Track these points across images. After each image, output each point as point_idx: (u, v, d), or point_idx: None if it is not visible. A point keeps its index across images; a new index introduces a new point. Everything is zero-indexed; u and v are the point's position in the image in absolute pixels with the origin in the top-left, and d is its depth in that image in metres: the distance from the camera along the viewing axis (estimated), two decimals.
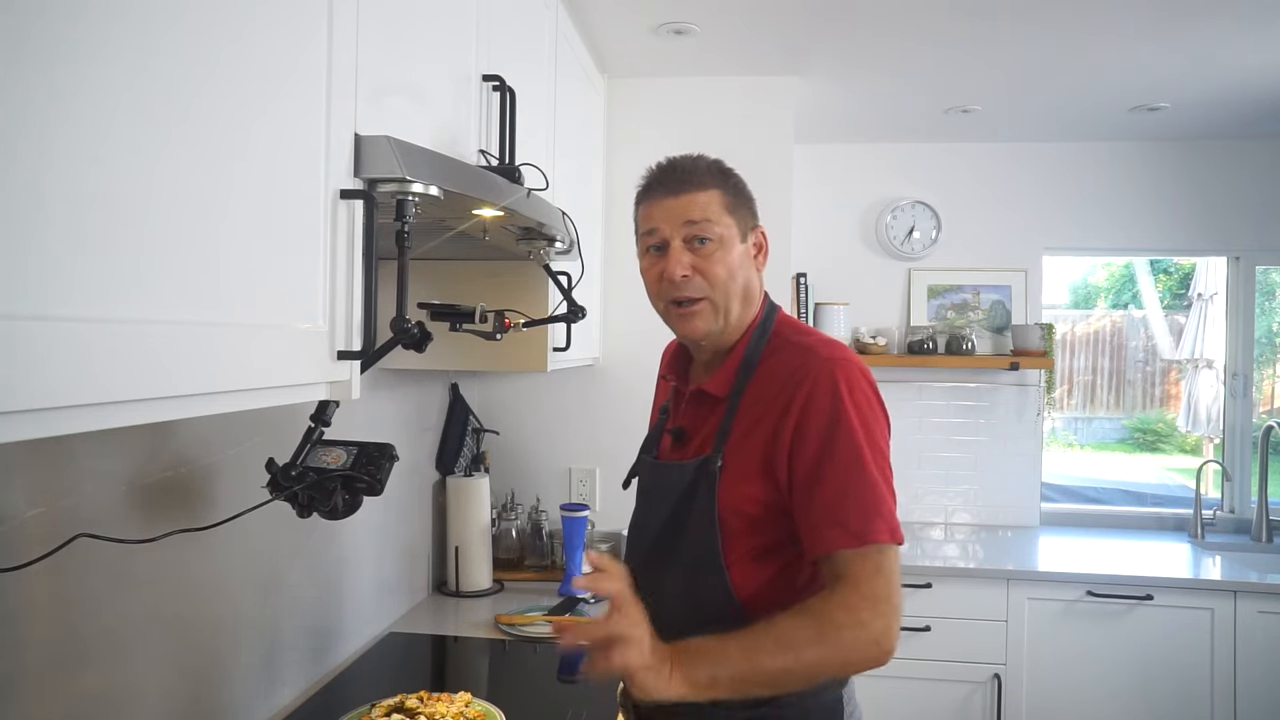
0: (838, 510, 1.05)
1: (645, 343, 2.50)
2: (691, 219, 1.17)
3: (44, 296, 0.50)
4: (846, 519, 1.05)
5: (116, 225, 0.56)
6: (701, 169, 1.20)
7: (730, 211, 1.19)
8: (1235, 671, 2.51)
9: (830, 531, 1.06)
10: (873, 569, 1.04)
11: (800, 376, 1.11)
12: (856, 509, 1.05)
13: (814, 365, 1.11)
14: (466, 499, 2.26)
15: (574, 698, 1.61)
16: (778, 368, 1.15)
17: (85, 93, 0.53)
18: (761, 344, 1.20)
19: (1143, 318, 5.63)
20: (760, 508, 1.12)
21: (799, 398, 1.09)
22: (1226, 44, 2.20)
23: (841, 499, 1.06)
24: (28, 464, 0.95)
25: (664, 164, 1.22)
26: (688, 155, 1.22)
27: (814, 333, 1.22)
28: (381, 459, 1.07)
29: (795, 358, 1.14)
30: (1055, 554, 2.84)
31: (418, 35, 1.11)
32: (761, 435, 1.12)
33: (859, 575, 1.04)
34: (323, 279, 0.84)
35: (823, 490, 1.07)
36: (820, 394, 1.08)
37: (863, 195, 3.29)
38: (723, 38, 2.25)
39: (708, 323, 1.20)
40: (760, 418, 1.13)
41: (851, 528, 1.04)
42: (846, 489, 1.06)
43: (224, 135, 0.68)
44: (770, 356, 1.18)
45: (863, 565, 1.04)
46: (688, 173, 1.19)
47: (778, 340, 1.20)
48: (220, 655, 1.35)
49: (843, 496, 1.06)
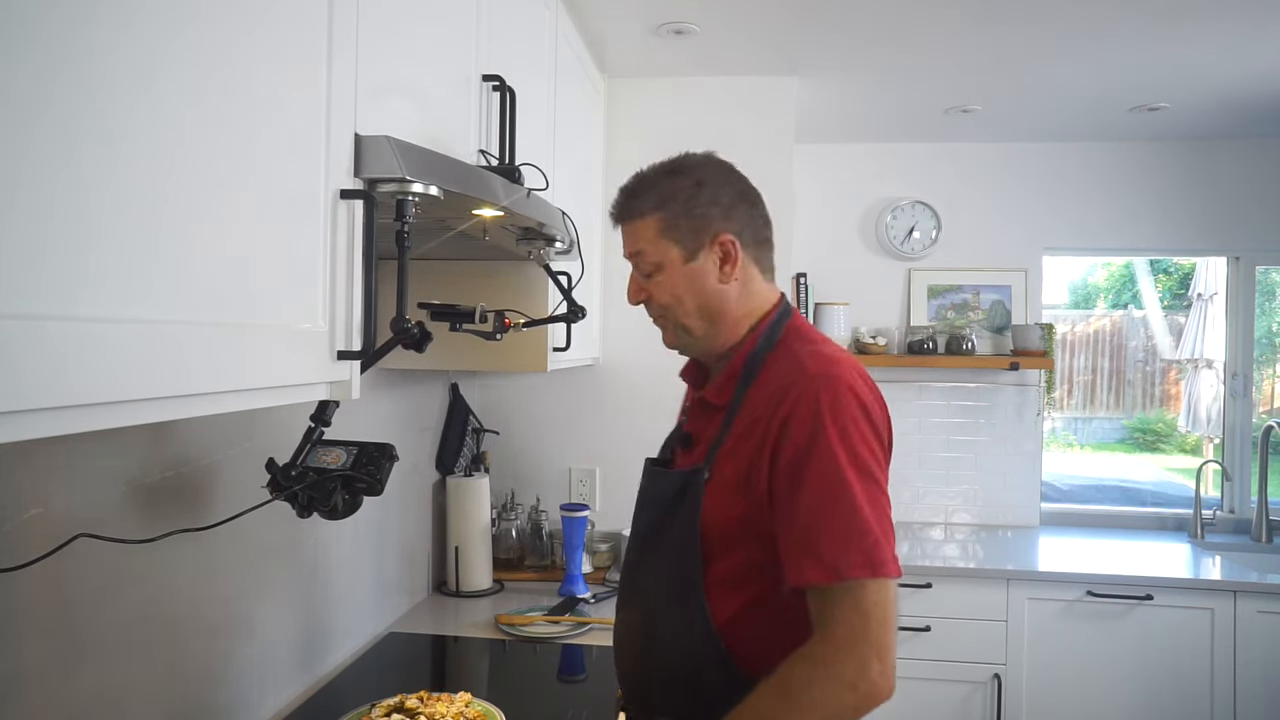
0: (812, 539, 0.98)
1: (645, 343, 2.50)
2: (629, 248, 1.19)
3: (44, 297, 0.50)
4: (820, 549, 0.97)
5: (117, 226, 0.56)
6: (642, 193, 1.17)
7: (666, 235, 1.14)
8: (1235, 671, 2.50)
9: (803, 561, 0.98)
10: (849, 608, 0.95)
11: (784, 392, 1.05)
12: (831, 539, 0.97)
13: (800, 381, 1.04)
14: (466, 499, 2.26)
15: (574, 698, 1.61)
16: (771, 379, 1.10)
17: (91, 96, 0.53)
18: (765, 351, 1.15)
19: (1143, 318, 5.63)
20: (739, 525, 1.07)
21: (779, 414, 1.03)
22: (1227, 44, 2.20)
23: (816, 528, 0.98)
24: (28, 464, 0.95)
25: (621, 187, 1.21)
26: (638, 175, 1.20)
27: (818, 342, 1.14)
28: (381, 459, 1.07)
29: (786, 370, 1.09)
30: (1055, 554, 2.84)
31: (418, 35, 1.11)
32: (747, 449, 1.07)
33: (832, 617, 0.96)
34: (323, 279, 0.84)
35: (798, 517, 0.99)
36: (801, 414, 1.02)
37: (863, 195, 3.29)
38: (723, 38, 2.25)
39: (674, 338, 1.21)
40: (749, 430, 1.08)
41: (825, 559, 0.96)
42: (820, 517, 0.98)
43: (224, 135, 0.68)
44: (770, 365, 1.13)
45: (838, 604, 0.96)
46: (628, 198, 1.19)
47: (781, 348, 1.14)
48: (220, 655, 1.35)
49: (817, 525, 0.98)
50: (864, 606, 0.95)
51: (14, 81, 0.47)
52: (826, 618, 0.97)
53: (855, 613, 0.95)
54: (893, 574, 0.97)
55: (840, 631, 0.95)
